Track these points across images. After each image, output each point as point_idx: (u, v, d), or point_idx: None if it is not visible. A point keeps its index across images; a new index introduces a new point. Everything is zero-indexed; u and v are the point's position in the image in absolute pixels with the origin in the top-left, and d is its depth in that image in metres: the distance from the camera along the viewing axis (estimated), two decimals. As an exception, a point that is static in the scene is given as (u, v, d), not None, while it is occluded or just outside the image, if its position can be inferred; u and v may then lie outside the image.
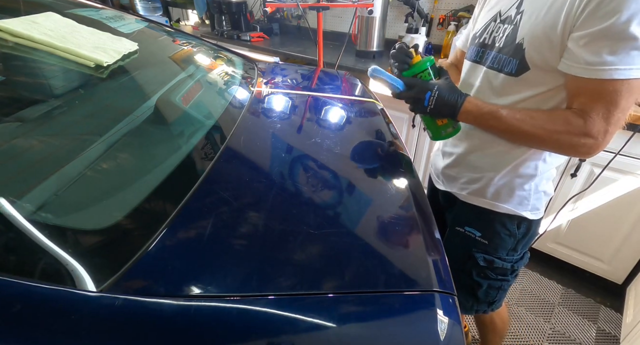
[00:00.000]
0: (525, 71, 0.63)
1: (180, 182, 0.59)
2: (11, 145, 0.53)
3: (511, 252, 0.82)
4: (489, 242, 0.81)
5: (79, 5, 1.04)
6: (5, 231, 0.42)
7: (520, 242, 0.81)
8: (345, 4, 1.61)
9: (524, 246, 0.83)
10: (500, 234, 0.80)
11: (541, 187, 0.75)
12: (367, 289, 0.45)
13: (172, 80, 0.89)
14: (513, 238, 0.80)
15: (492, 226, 0.80)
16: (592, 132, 0.57)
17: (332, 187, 0.65)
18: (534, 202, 0.76)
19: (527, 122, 0.62)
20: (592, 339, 1.39)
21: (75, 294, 0.38)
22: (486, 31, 0.72)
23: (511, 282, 0.87)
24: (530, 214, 0.77)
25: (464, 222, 0.84)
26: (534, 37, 0.61)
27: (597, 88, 0.55)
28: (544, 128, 0.61)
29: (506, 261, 0.82)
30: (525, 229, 0.80)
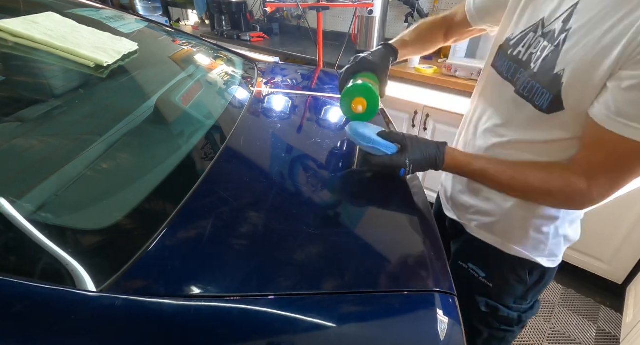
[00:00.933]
0: (559, 110, 0.51)
1: (180, 182, 0.59)
2: (11, 145, 0.53)
3: (519, 300, 0.70)
4: (493, 286, 0.70)
5: (79, 5, 1.04)
6: (5, 231, 0.42)
7: (532, 290, 0.69)
8: (345, 4, 1.61)
9: (535, 294, 0.71)
10: (508, 279, 0.68)
11: (562, 231, 0.63)
12: (367, 289, 0.45)
13: (172, 80, 0.89)
14: (523, 285, 0.68)
15: (500, 269, 0.69)
16: (592, 196, 0.50)
17: (332, 187, 0.65)
18: (552, 247, 0.64)
19: (519, 182, 0.55)
20: (592, 339, 1.39)
21: (75, 294, 0.38)
22: (523, 43, 0.58)
23: (517, 334, 0.75)
24: (546, 261, 0.65)
25: (469, 258, 0.73)
26: (577, 71, 0.48)
27: (620, 148, 0.45)
28: (537, 189, 0.54)
29: (512, 310, 0.71)
30: (539, 277, 0.68)
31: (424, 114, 1.74)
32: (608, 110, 0.45)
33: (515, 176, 0.56)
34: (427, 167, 0.61)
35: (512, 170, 0.56)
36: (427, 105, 1.71)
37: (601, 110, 0.46)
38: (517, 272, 0.67)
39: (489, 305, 0.71)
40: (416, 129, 1.79)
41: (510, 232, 0.65)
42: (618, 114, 0.44)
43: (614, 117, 0.44)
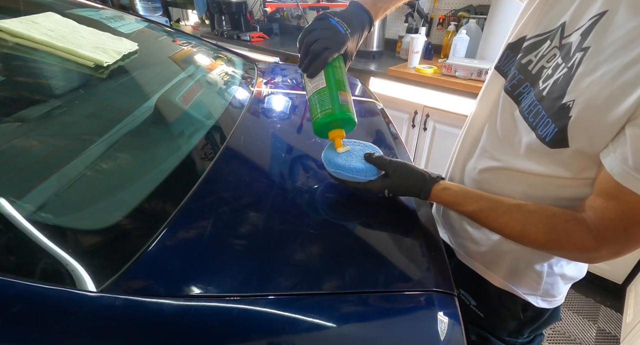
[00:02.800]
0: (562, 147, 0.43)
1: (180, 182, 0.59)
2: (11, 145, 0.53)
3: (514, 334, 0.64)
4: (485, 317, 0.64)
5: (79, 5, 1.04)
6: (5, 231, 0.42)
7: (527, 325, 0.63)
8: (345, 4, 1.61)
9: (535, 330, 0.64)
10: (498, 311, 0.62)
11: (558, 270, 0.56)
12: (367, 288, 0.45)
13: (172, 80, 0.89)
14: (516, 320, 0.62)
15: (489, 300, 0.63)
16: (601, 255, 0.43)
17: (332, 187, 0.65)
18: (546, 287, 0.57)
19: (514, 230, 0.47)
20: (592, 339, 1.39)
21: (75, 294, 0.38)
22: (537, 51, 0.50)
23: None
24: (540, 301, 0.59)
25: (459, 283, 0.63)
26: (589, 107, 0.39)
27: (638, 208, 0.38)
28: (537, 241, 0.46)
29: (507, 343, 0.65)
30: (535, 314, 0.61)
31: (424, 114, 1.74)
32: (625, 163, 0.36)
33: (510, 224, 0.47)
34: (409, 196, 0.57)
35: (507, 217, 0.47)
36: (427, 105, 1.71)
37: (617, 162, 0.37)
38: (508, 306, 0.61)
39: (480, 335, 0.66)
40: (416, 129, 1.80)
41: (499, 265, 0.60)
42: (638, 169, 0.35)
43: (634, 173, 0.36)
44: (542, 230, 0.45)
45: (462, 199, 0.52)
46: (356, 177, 0.56)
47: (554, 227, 0.44)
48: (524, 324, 0.63)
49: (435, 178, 0.54)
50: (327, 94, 0.56)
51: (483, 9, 1.84)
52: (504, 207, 0.49)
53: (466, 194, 0.52)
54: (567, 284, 0.60)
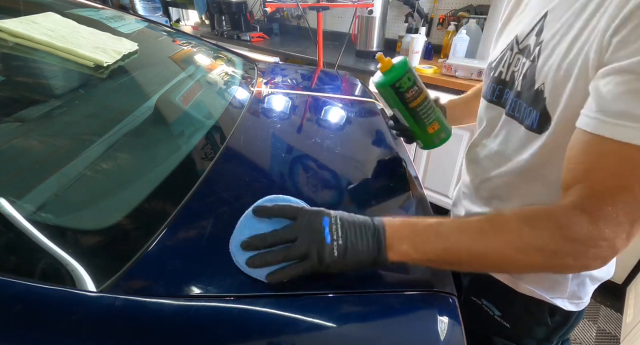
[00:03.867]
0: (548, 128, 0.45)
1: (180, 182, 0.59)
2: (11, 145, 0.53)
3: (543, 342, 0.62)
4: (511, 327, 0.62)
5: (79, 5, 1.04)
6: (5, 231, 0.42)
7: (556, 332, 0.60)
8: (345, 4, 1.61)
9: (562, 335, 0.62)
10: (525, 320, 0.60)
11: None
12: (367, 289, 0.45)
13: (172, 80, 0.89)
14: (544, 327, 0.59)
15: (514, 308, 0.60)
16: (605, 237, 0.34)
17: (332, 187, 0.65)
18: (573, 289, 0.54)
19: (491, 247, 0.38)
20: (592, 339, 1.39)
21: (75, 294, 0.38)
22: (502, 63, 0.55)
23: None
24: (567, 303, 0.56)
25: (481, 293, 0.64)
26: (556, 83, 0.43)
27: (615, 156, 0.34)
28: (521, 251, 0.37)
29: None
30: (563, 319, 0.58)
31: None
32: (590, 110, 0.36)
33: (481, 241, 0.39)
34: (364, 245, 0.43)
35: (471, 233, 0.39)
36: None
37: (584, 117, 0.37)
38: (534, 313, 0.58)
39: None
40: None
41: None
42: (604, 112, 0.34)
43: (602, 116, 0.34)
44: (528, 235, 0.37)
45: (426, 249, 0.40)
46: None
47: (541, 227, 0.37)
48: (552, 330, 0.60)
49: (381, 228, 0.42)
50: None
51: (483, 9, 1.83)
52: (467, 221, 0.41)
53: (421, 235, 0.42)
54: (594, 284, 0.56)
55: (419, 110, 0.58)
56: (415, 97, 0.56)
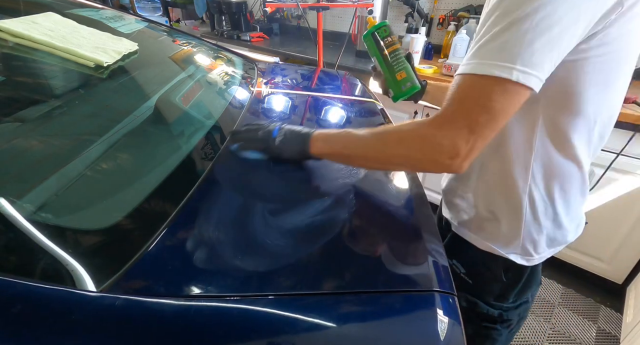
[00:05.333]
0: None
1: (181, 182, 0.59)
2: (11, 145, 0.53)
3: (500, 298, 0.69)
4: (472, 282, 0.70)
5: (79, 5, 1.04)
6: (6, 231, 0.42)
7: (511, 289, 0.68)
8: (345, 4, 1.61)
9: (518, 294, 0.69)
10: (483, 275, 0.68)
11: (536, 229, 0.60)
12: (367, 288, 0.45)
13: (172, 80, 0.89)
14: (499, 283, 0.67)
15: (475, 265, 0.69)
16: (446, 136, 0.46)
17: (332, 187, 0.65)
18: (525, 245, 0.62)
19: (372, 141, 0.54)
20: (592, 339, 1.39)
21: (75, 294, 0.38)
22: None
23: (503, 333, 0.74)
24: (520, 258, 0.63)
25: (453, 254, 0.71)
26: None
27: (456, 84, 0.46)
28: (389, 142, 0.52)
29: (493, 307, 0.70)
30: (516, 276, 0.66)
31: (424, 114, 1.74)
32: (466, 61, 0.46)
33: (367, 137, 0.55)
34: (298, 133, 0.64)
35: (365, 132, 0.56)
36: (427, 106, 1.71)
37: (461, 64, 0.47)
38: (491, 269, 0.67)
39: (469, 301, 0.71)
40: (416, 129, 1.79)
41: (483, 229, 0.65)
42: (470, 57, 0.45)
43: (467, 62, 0.45)
44: (393, 146, 0.51)
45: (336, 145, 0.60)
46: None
47: (400, 138, 0.51)
48: (507, 287, 0.68)
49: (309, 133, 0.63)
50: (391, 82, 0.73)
51: (483, 9, 1.83)
52: (368, 129, 0.56)
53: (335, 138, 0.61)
54: (550, 246, 0.63)
55: (390, 57, 0.70)
56: (388, 46, 0.70)
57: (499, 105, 0.42)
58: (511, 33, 0.41)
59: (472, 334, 0.73)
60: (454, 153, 0.45)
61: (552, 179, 0.56)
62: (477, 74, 0.43)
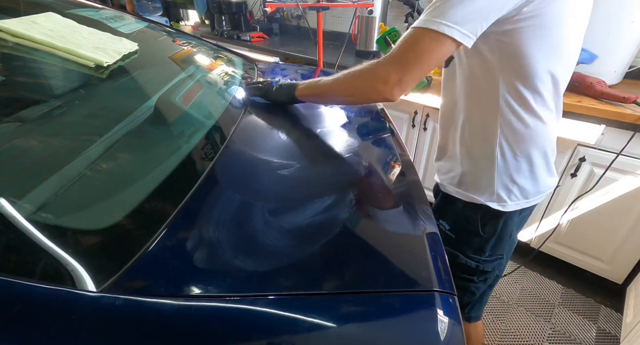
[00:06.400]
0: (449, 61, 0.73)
1: (181, 182, 0.59)
2: (11, 145, 0.53)
3: (478, 251, 0.79)
4: (455, 237, 0.80)
5: (79, 5, 1.04)
6: (6, 231, 0.42)
7: (488, 242, 0.78)
8: (345, 4, 1.61)
9: (493, 248, 0.79)
10: (465, 228, 0.78)
11: (507, 177, 0.71)
12: (367, 288, 0.45)
13: (172, 80, 0.89)
14: (478, 237, 0.77)
15: (458, 219, 0.79)
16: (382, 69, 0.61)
17: (332, 187, 0.65)
18: (499, 191, 0.72)
19: (337, 79, 0.71)
20: (592, 339, 1.39)
21: (75, 294, 0.38)
22: None
23: (480, 286, 0.84)
24: (496, 205, 0.73)
25: (440, 215, 0.83)
26: None
27: (403, 34, 0.60)
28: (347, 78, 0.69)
29: (471, 260, 0.80)
30: (492, 229, 0.76)
31: (424, 114, 1.74)
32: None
33: (337, 76, 0.73)
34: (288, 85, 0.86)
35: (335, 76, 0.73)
36: (426, 106, 1.71)
37: None
38: (471, 221, 0.77)
39: (450, 253, 0.80)
40: (416, 129, 1.79)
41: (464, 182, 0.76)
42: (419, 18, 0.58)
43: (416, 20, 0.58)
44: (349, 80, 0.69)
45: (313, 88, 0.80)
46: None
47: (354, 74, 0.68)
48: (484, 241, 0.78)
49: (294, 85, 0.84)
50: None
51: (483, 9, 1.83)
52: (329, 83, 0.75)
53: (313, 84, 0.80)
54: (523, 195, 0.73)
55: None
56: None
57: (424, 49, 0.56)
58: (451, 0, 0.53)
59: None
60: (386, 80, 0.60)
61: (517, 134, 0.66)
62: (417, 27, 0.57)
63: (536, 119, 0.65)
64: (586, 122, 1.25)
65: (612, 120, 1.20)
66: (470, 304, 0.88)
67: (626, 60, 1.37)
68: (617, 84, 1.43)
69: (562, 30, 0.58)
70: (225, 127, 0.78)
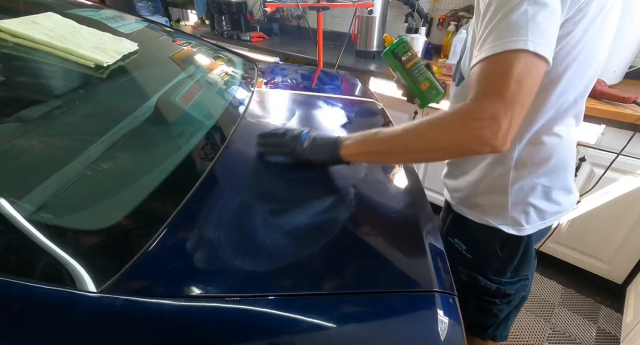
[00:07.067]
0: (462, 80, 0.63)
1: (181, 183, 0.59)
2: (11, 145, 0.53)
3: (499, 273, 0.73)
4: (472, 258, 0.75)
5: (79, 5, 1.04)
6: (6, 231, 0.42)
7: (508, 264, 0.72)
8: (345, 4, 1.61)
9: (514, 270, 0.73)
10: (482, 250, 0.73)
11: (521, 199, 0.65)
12: (367, 289, 0.45)
13: (172, 80, 0.88)
14: (497, 258, 0.72)
15: (475, 240, 0.74)
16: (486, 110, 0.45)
17: (332, 187, 0.65)
18: (513, 215, 0.66)
19: (410, 130, 0.53)
20: (592, 339, 1.39)
21: (75, 295, 0.38)
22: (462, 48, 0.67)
23: (504, 308, 0.77)
24: (512, 229, 0.67)
25: (454, 233, 0.78)
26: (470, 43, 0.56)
27: (477, 71, 0.48)
28: (429, 127, 0.52)
29: (491, 282, 0.74)
30: (511, 250, 0.70)
31: (424, 114, 1.74)
32: (477, 52, 0.48)
33: (406, 127, 0.54)
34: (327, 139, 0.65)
35: (403, 125, 0.55)
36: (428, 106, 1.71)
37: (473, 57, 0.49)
38: (488, 243, 0.71)
39: (469, 275, 0.75)
40: (416, 129, 1.79)
41: (477, 204, 0.70)
42: (482, 46, 0.47)
43: (480, 51, 0.47)
44: (434, 130, 0.51)
45: (369, 145, 0.60)
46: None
47: (440, 121, 0.51)
48: (504, 262, 0.72)
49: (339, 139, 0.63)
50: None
51: (483, 9, 1.83)
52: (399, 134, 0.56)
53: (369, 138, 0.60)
54: (540, 217, 0.66)
55: (413, 70, 0.74)
56: (409, 61, 0.73)
57: (525, 74, 0.44)
58: (514, 15, 0.44)
59: (475, 309, 0.78)
60: (495, 125, 0.45)
61: (533, 153, 0.60)
62: (495, 54, 0.45)
63: (555, 137, 0.59)
64: (586, 122, 1.25)
65: (612, 120, 1.20)
66: (495, 324, 0.81)
67: (626, 60, 1.37)
68: (617, 84, 1.43)
69: (596, 51, 0.53)
70: (225, 127, 0.78)
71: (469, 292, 0.77)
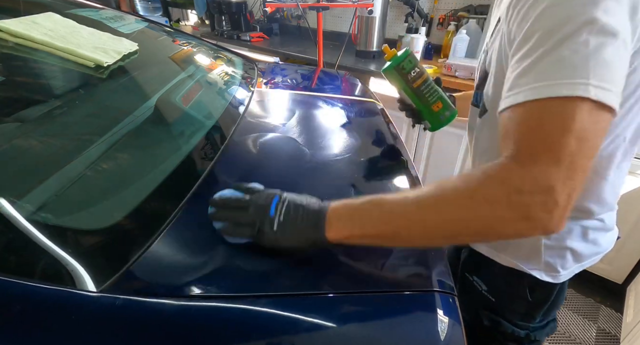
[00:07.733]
0: (484, 113, 0.54)
1: (181, 182, 0.59)
2: (11, 145, 0.53)
3: (526, 317, 0.64)
4: (495, 300, 0.65)
5: (79, 5, 1.04)
6: (6, 231, 0.42)
7: (538, 308, 0.62)
8: (345, 4, 1.61)
9: (545, 313, 0.63)
10: (507, 293, 0.63)
11: (558, 242, 0.55)
12: (367, 289, 0.45)
13: (172, 80, 0.88)
14: (525, 302, 0.62)
15: (497, 281, 0.64)
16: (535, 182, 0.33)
17: (332, 188, 0.65)
18: (547, 259, 0.56)
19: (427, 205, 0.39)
20: (592, 338, 1.39)
21: (75, 294, 0.38)
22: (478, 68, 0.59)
23: None
24: (543, 275, 0.57)
25: (472, 270, 0.69)
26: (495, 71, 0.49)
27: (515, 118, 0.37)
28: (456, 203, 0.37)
29: (519, 327, 0.64)
30: (543, 294, 0.61)
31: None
32: (509, 90, 0.37)
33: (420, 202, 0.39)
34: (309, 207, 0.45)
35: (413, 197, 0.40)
36: (427, 105, 1.71)
37: (505, 95, 0.38)
38: (515, 286, 0.61)
39: (492, 320, 0.66)
40: (416, 129, 1.79)
41: (502, 244, 0.60)
42: (510, 88, 0.37)
43: (509, 93, 0.37)
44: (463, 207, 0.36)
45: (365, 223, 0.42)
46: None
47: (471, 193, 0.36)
48: (534, 307, 0.62)
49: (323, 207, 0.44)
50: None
51: (483, 9, 1.83)
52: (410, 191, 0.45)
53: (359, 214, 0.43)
54: (576, 261, 0.57)
55: (422, 89, 0.63)
56: (417, 78, 0.62)
57: (586, 130, 0.33)
58: (569, 46, 0.33)
59: None
60: (552, 201, 0.33)
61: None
62: (542, 98, 0.34)
63: (603, 177, 0.50)
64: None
65: (612, 120, 1.20)
66: None
67: (626, 60, 1.37)
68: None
69: None
70: (225, 127, 0.78)
71: (491, 337, 0.68)
